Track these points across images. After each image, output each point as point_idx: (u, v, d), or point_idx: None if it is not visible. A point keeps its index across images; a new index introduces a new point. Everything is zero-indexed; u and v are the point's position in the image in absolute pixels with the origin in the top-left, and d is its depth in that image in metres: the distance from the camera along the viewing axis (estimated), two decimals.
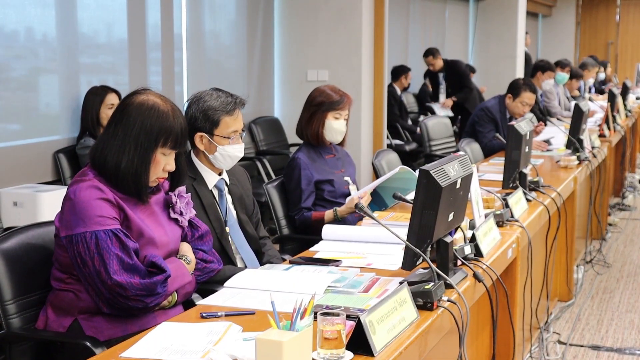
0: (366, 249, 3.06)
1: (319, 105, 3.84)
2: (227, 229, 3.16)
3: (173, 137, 2.51)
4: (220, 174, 3.19)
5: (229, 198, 3.23)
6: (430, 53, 9.51)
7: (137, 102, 2.51)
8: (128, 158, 2.46)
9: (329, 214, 3.75)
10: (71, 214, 2.42)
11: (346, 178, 3.94)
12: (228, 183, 3.23)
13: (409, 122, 9.61)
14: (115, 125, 2.49)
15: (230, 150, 3.09)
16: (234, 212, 3.24)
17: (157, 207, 2.62)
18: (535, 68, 8.81)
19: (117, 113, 2.53)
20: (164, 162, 2.53)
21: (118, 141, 2.47)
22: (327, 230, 3.26)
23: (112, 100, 4.98)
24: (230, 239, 3.16)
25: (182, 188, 2.70)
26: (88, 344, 2.34)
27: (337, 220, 3.72)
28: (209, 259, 2.74)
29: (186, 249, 2.68)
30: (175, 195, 2.67)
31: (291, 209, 3.83)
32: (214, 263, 2.76)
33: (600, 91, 12.60)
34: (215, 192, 3.17)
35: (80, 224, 2.39)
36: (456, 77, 9.39)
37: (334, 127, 3.84)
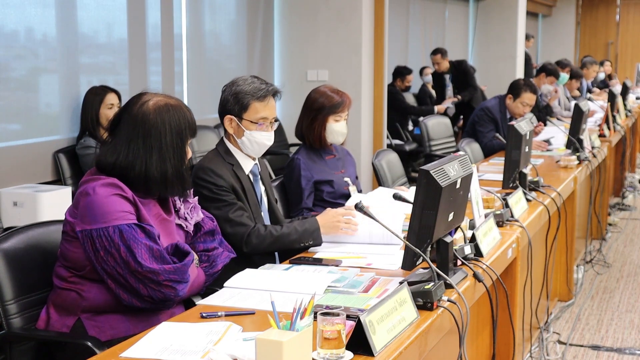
0: (366, 249, 3.06)
1: (319, 110, 3.81)
2: (262, 213, 3.21)
3: (193, 127, 2.58)
4: (254, 160, 3.25)
5: (262, 185, 3.30)
6: (439, 52, 9.49)
7: (152, 109, 2.51)
8: (171, 164, 2.51)
9: None
10: (89, 209, 2.42)
11: (346, 178, 3.94)
12: (260, 169, 3.28)
13: (410, 124, 9.63)
14: (145, 139, 2.49)
15: (257, 136, 3.14)
16: (265, 199, 3.31)
17: (169, 214, 2.64)
18: (542, 69, 8.77)
19: (136, 127, 2.49)
20: (189, 153, 2.61)
21: (156, 154, 2.49)
22: None
23: (111, 100, 4.99)
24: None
25: (189, 193, 2.71)
26: (90, 344, 2.34)
27: None
28: (211, 247, 2.74)
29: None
30: (179, 200, 2.68)
31: (292, 211, 3.82)
32: (218, 250, 2.75)
33: (604, 85, 12.59)
34: (251, 177, 3.24)
35: (100, 220, 2.40)
36: (462, 76, 9.38)
37: (336, 129, 3.84)
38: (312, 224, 3.07)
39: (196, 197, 2.76)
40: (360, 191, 4.10)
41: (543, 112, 8.20)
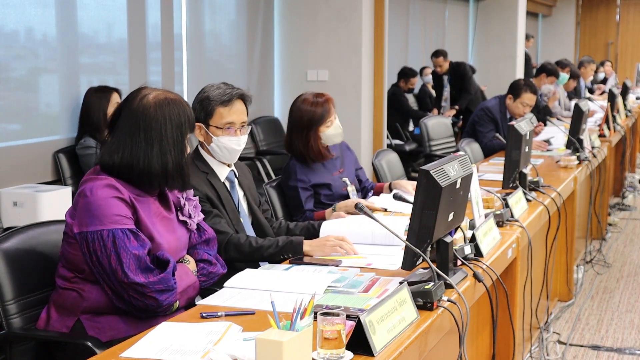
0: (366, 249, 3.06)
1: (309, 125, 3.75)
2: (241, 219, 3.18)
3: (192, 121, 2.60)
4: (229, 166, 3.21)
5: (240, 190, 3.26)
6: (441, 54, 9.49)
7: (152, 103, 2.51)
8: (171, 157, 2.51)
9: (328, 212, 3.71)
10: (87, 211, 2.42)
11: (344, 179, 3.91)
12: (237, 175, 3.25)
13: (410, 124, 9.63)
14: (146, 133, 2.49)
15: (225, 142, 3.09)
16: (245, 204, 3.26)
17: (170, 211, 2.64)
18: (542, 70, 8.73)
19: (137, 122, 2.49)
20: (189, 148, 2.61)
21: (156, 147, 2.49)
22: (326, 228, 3.26)
23: (116, 99, 5.00)
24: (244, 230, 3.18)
25: (190, 191, 2.71)
26: (90, 344, 2.34)
27: None
28: (213, 261, 2.75)
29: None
30: (183, 197, 2.69)
31: (295, 214, 3.79)
32: (218, 267, 2.76)
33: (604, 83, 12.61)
34: (227, 184, 3.20)
35: (97, 222, 2.40)
36: (459, 79, 9.38)
37: (331, 133, 3.79)
38: (297, 240, 3.03)
39: (197, 197, 2.76)
40: (366, 180, 4.10)
41: (542, 113, 8.20)
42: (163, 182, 2.53)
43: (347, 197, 3.86)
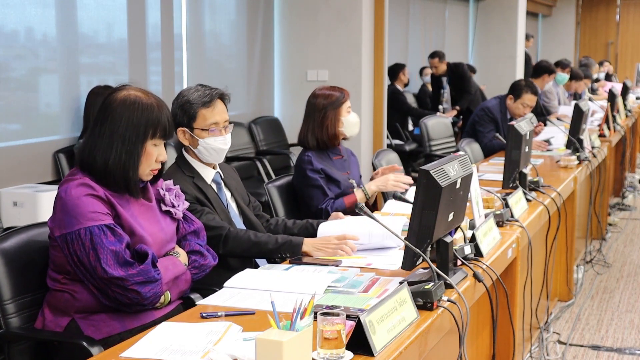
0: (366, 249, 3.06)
1: (326, 107, 3.82)
2: (232, 219, 3.18)
3: (162, 127, 2.53)
4: (214, 168, 3.22)
5: (227, 191, 3.26)
6: (437, 55, 9.48)
7: (119, 99, 2.52)
8: (115, 154, 2.47)
9: (359, 193, 3.74)
10: (63, 212, 2.43)
11: (351, 180, 3.94)
12: (223, 176, 3.25)
13: (410, 124, 9.62)
14: (102, 125, 2.50)
15: (212, 143, 3.10)
16: (233, 204, 3.27)
17: (154, 204, 2.64)
18: (542, 70, 8.68)
19: (100, 113, 2.52)
20: (156, 153, 2.54)
21: (105, 140, 2.48)
22: (323, 229, 3.25)
23: None
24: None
25: (169, 182, 2.72)
26: (84, 343, 2.35)
27: (368, 199, 3.79)
28: (205, 253, 2.75)
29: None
30: (162, 188, 2.69)
31: (319, 203, 3.77)
32: (209, 259, 2.76)
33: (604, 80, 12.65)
34: (214, 186, 3.20)
35: (74, 222, 2.40)
36: (458, 80, 9.37)
37: (352, 120, 3.87)
38: (297, 240, 3.04)
39: (177, 186, 2.76)
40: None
41: (542, 113, 8.20)
42: (103, 176, 2.47)
43: None
